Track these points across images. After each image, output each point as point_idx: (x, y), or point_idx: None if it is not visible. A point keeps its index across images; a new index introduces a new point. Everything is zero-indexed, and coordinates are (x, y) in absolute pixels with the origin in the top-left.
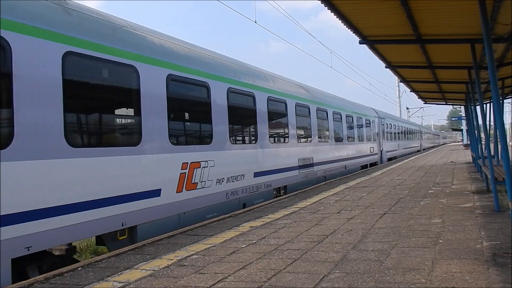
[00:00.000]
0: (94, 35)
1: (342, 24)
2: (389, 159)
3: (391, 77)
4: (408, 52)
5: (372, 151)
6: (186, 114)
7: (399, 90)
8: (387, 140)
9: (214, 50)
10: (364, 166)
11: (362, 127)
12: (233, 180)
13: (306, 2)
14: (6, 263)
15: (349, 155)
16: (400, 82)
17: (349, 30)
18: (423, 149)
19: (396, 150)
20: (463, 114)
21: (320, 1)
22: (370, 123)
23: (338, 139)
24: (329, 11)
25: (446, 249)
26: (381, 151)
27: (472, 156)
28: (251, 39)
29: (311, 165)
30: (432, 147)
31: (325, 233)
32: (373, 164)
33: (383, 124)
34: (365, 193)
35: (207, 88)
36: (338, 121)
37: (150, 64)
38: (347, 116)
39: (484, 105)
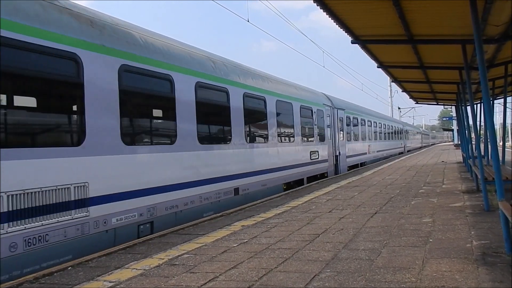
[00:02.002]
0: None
1: (335, 23)
2: (353, 167)
3: (383, 77)
4: (400, 52)
5: (315, 157)
6: None
7: (391, 90)
8: (350, 140)
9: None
10: (299, 182)
11: (292, 119)
12: None
13: (296, 3)
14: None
15: (251, 168)
16: (392, 82)
17: (342, 29)
18: (408, 151)
19: (365, 153)
20: (454, 114)
21: (312, 0)
22: (312, 114)
23: (220, 139)
24: (322, 10)
25: (436, 248)
26: (336, 156)
27: (462, 156)
28: (244, 39)
29: (79, 204)
30: (420, 147)
31: (317, 232)
32: (314, 178)
33: (341, 118)
34: (356, 192)
35: None
36: (223, 105)
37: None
38: (251, 98)
39: (475, 105)
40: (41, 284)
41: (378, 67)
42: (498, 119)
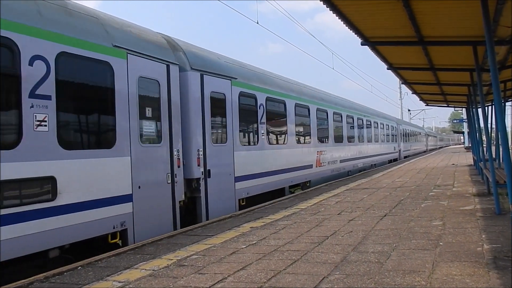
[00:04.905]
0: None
1: (344, 25)
2: (273, 194)
3: (393, 79)
4: (410, 54)
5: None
6: None
7: (400, 92)
8: (255, 143)
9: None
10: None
11: None
12: None
13: (301, 4)
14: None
15: None
16: (402, 84)
17: (351, 31)
18: (405, 157)
19: (309, 166)
20: (464, 116)
21: (322, 2)
22: (11, 65)
23: None
24: (331, 12)
25: (447, 252)
26: (190, 180)
27: (473, 158)
28: (250, 41)
29: None
30: (425, 151)
31: (326, 234)
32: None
33: (220, 95)
34: (365, 194)
35: None
36: None
37: None
38: None
39: (486, 107)
40: (51, 283)
41: (388, 69)
42: (509, 121)
